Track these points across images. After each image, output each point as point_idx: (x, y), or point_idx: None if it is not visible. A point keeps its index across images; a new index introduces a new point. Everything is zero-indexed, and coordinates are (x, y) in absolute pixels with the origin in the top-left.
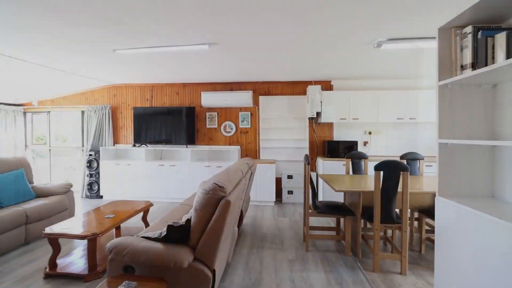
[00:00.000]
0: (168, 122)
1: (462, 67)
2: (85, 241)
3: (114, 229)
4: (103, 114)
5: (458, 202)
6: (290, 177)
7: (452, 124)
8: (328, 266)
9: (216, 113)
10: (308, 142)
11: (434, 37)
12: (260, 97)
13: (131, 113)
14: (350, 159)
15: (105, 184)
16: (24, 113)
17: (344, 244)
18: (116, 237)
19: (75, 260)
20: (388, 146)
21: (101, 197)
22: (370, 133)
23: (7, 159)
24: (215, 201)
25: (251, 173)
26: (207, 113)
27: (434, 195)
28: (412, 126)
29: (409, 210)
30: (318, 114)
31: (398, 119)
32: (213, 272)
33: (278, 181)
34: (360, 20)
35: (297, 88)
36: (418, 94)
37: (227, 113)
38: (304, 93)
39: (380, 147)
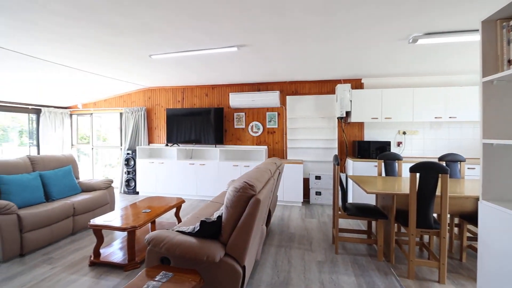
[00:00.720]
0: (198, 122)
1: (510, 62)
2: (123, 233)
3: (149, 223)
4: (139, 115)
5: (504, 207)
6: (318, 178)
7: (497, 123)
8: (359, 270)
9: (243, 114)
10: (337, 142)
11: (477, 30)
12: (287, 97)
13: (164, 114)
14: (382, 160)
15: (141, 181)
16: (70, 115)
17: (376, 248)
18: (151, 231)
19: (115, 250)
20: (424, 147)
21: (137, 193)
22: (404, 133)
23: (57, 157)
24: (245, 199)
25: (279, 173)
26: (235, 114)
27: (477, 199)
28: (452, 125)
29: (448, 216)
30: (348, 113)
31: (436, 118)
32: (243, 268)
33: (306, 181)
34: (395, 15)
35: (325, 87)
36: (459, 91)
37: (254, 114)
38: (332, 92)
39: (415, 148)
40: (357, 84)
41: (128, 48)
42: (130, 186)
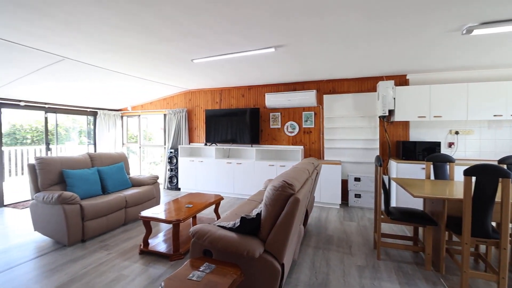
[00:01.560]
0: (235, 122)
1: None
2: (168, 226)
3: (191, 218)
4: (180, 116)
5: None
6: (357, 179)
7: None
8: (404, 278)
9: (279, 114)
10: (379, 142)
11: None
12: (324, 96)
13: (203, 115)
14: (431, 163)
15: (182, 178)
16: (121, 116)
17: (423, 257)
18: (192, 225)
19: (161, 241)
20: (481, 149)
21: (179, 189)
22: (457, 133)
23: (112, 154)
24: (284, 197)
25: (317, 173)
26: (271, 114)
27: None
28: None
29: (510, 225)
30: (391, 112)
31: (495, 116)
32: (282, 265)
33: (344, 183)
34: (445, 4)
35: (365, 84)
36: None
37: (290, 113)
38: (373, 89)
39: (470, 150)
40: (401, 80)
41: (172, 54)
42: (173, 182)
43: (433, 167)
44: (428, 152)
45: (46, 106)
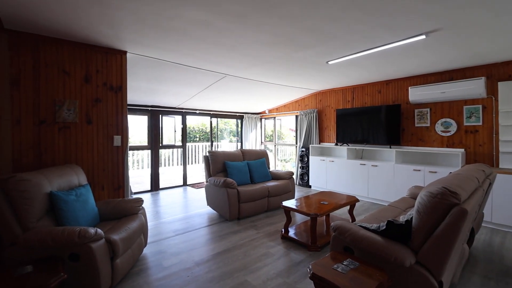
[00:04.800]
0: (369, 121)
1: None
2: (303, 218)
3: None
4: (311, 117)
5: None
6: None
7: None
8: None
9: (428, 110)
10: None
11: None
12: (499, 83)
13: (334, 115)
14: None
15: (313, 176)
16: (260, 119)
17: None
18: (325, 222)
19: (299, 232)
20: None
21: (310, 186)
22: None
23: (256, 151)
24: (443, 206)
25: (490, 184)
26: (416, 110)
27: None
28: None
29: None
30: None
31: None
32: (440, 283)
33: None
34: None
35: None
36: None
37: (444, 108)
38: None
39: None
40: None
41: (307, 59)
42: (304, 179)
43: None
44: None
45: (211, 112)
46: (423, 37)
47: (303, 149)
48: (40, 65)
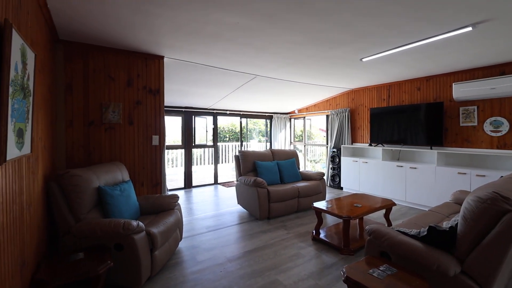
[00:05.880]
0: (407, 121)
1: None
2: (334, 220)
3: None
4: (343, 116)
5: None
6: None
7: None
8: None
9: (475, 107)
10: None
11: None
12: None
13: (368, 114)
14: None
15: (345, 178)
16: (290, 119)
17: None
18: (359, 226)
19: (331, 234)
20: None
21: (341, 188)
22: None
23: (286, 151)
24: (493, 213)
25: None
26: (461, 108)
27: None
28: None
29: None
30: None
31: None
32: None
33: None
34: None
35: None
36: None
37: (494, 106)
38: None
39: None
40: None
41: (340, 57)
42: (335, 181)
43: None
44: None
45: (241, 113)
46: (470, 29)
47: (334, 150)
48: (89, 71)
